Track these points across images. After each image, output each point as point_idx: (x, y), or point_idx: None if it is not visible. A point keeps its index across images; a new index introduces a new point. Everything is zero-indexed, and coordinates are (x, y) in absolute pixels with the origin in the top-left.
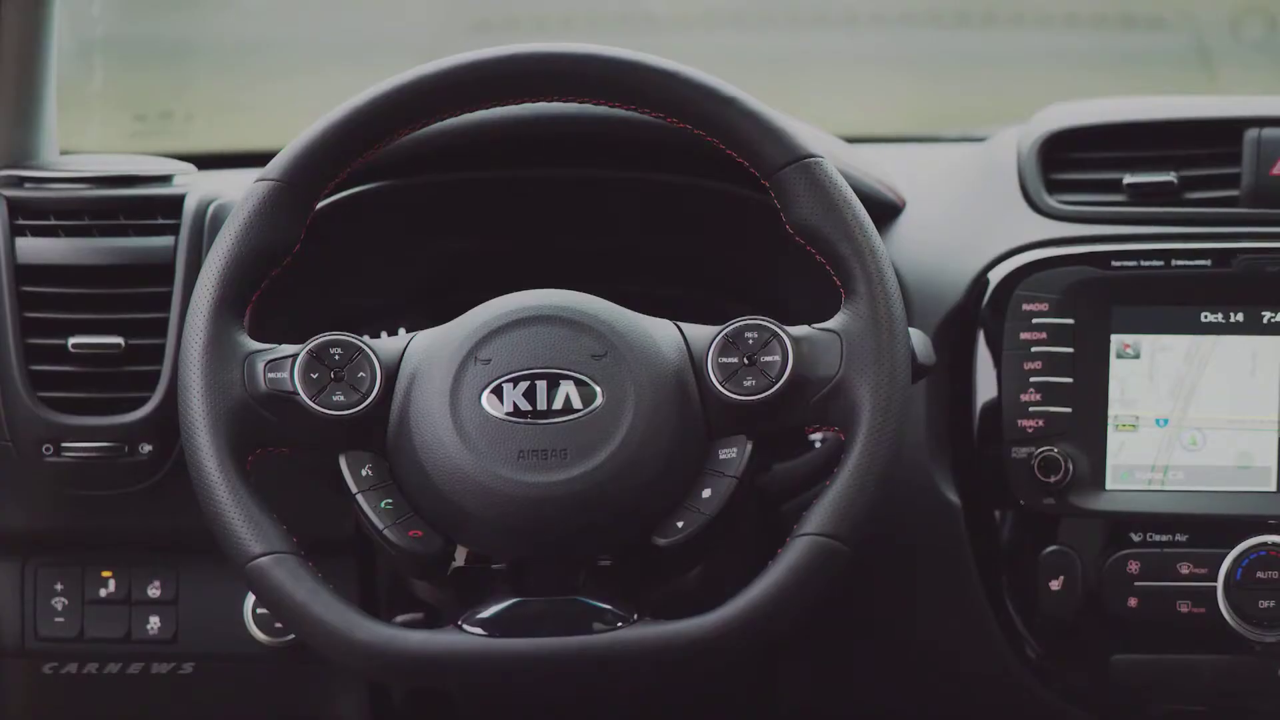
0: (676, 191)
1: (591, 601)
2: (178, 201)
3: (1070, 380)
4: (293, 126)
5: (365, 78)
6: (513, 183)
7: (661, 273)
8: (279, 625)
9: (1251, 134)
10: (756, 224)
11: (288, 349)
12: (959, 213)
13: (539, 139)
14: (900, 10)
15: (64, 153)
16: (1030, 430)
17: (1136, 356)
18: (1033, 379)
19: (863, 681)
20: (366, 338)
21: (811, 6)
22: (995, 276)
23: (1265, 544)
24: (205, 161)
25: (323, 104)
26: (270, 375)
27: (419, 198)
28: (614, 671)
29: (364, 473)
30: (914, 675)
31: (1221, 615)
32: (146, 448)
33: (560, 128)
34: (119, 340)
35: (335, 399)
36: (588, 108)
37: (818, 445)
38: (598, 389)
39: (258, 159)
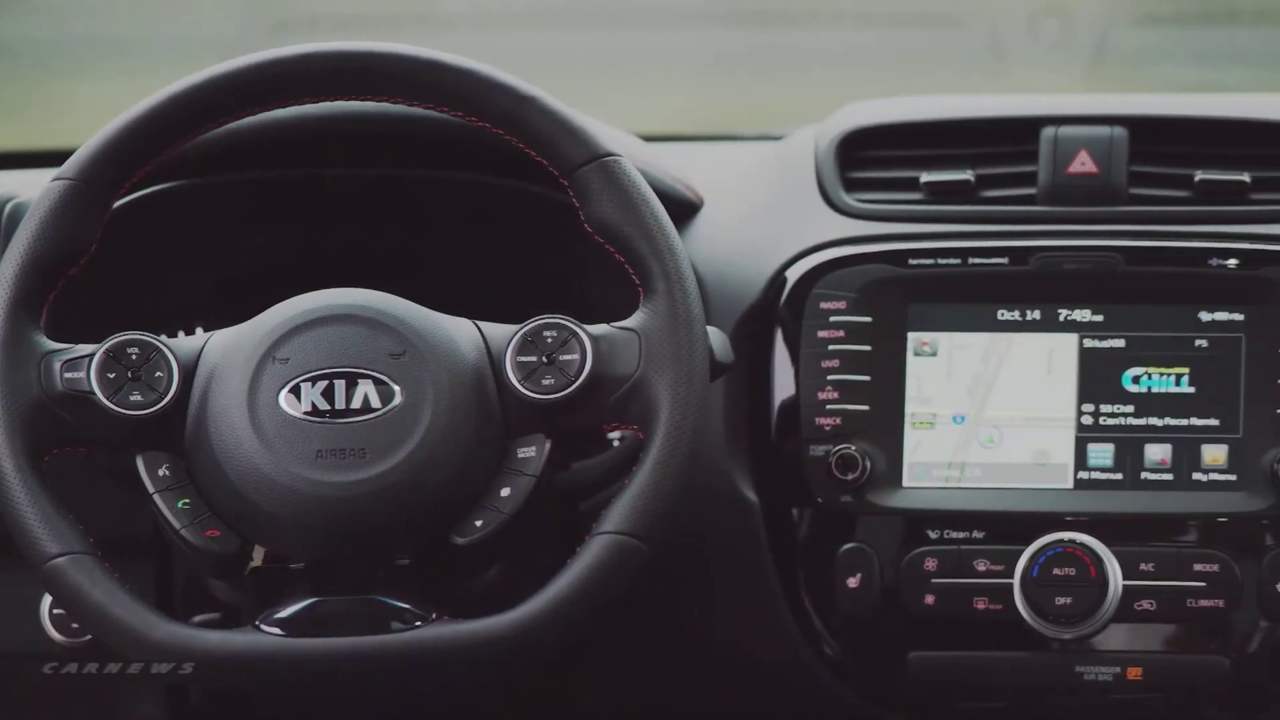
0: (476, 190)
1: (390, 601)
2: None
3: (868, 378)
4: (90, 125)
5: (164, 76)
6: (312, 182)
7: (461, 272)
8: (76, 626)
9: (1048, 132)
10: (556, 223)
11: (85, 348)
12: (757, 211)
13: (338, 137)
14: (697, 9)
15: None
16: (828, 428)
17: (934, 354)
18: (830, 377)
19: (664, 681)
20: (164, 337)
21: (609, 6)
22: (793, 275)
23: (1061, 541)
24: (1, 161)
25: (120, 103)
26: (67, 375)
27: (218, 197)
28: (411, 671)
29: (161, 473)
30: (714, 674)
31: (1018, 612)
32: None
33: (360, 126)
34: None
35: (132, 398)
36: (387, 106)
37: (616, 444)
38: (396, 388)
39: (54, 158)
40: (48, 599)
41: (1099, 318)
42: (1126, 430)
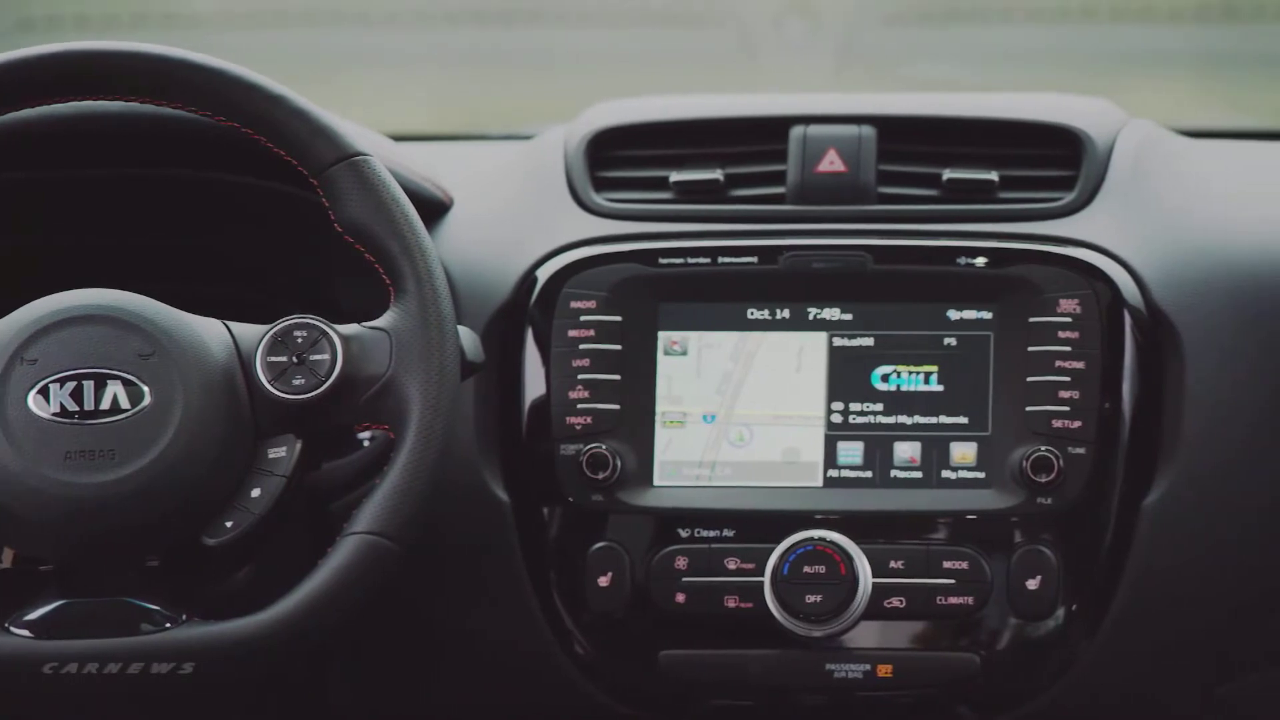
0: (226, 190)
1: (140, 602)
2: None
3: (618, 377)
4: None
5: None
6: (59, 182)
7: (211, 272)
8: None
9: (797, 131)
10: (306, 223)
11: None
12: (507, 210)
13: (86, 138)
14: (444, 9)
15: None
16: (579, 427)
17: (684, 353)
18: (581, 376)
19: (416, 681)
20: None
21: (354, 6)
22: (544, 274)
23: (811, 539)
24: None
25: None
26: None
27: None
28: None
29: None
30: (466, 674)
31: (769, 610)
32: None
33: (108, 126)
34: None
35: None
36: (136, 106)
37: (367, 444)
38: (146, 389)
39: None
40: None
41: (848, 316)
42: (876, 428)
